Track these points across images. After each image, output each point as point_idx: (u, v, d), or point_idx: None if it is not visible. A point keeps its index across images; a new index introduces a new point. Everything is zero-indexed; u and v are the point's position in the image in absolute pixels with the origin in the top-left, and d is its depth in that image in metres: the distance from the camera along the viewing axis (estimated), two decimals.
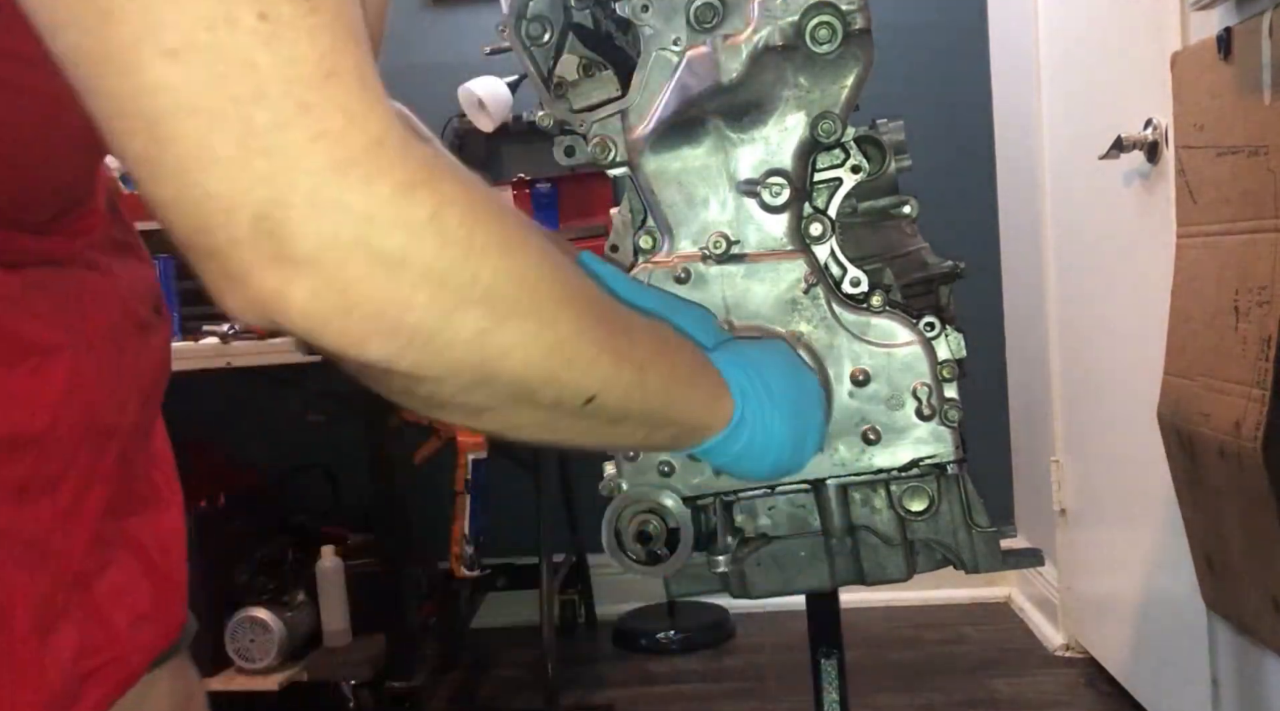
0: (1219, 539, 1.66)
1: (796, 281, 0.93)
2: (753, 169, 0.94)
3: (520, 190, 2.89)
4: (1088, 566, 2.51)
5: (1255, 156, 1.49)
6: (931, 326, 0.93)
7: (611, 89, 0.96)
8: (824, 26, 0.91)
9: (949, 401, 0.93)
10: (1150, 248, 1.93)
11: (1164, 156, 1.88)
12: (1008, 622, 2.89)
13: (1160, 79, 1.80)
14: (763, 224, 0.94)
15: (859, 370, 0.93)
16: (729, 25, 0.93)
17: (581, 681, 2.69)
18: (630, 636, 2.91)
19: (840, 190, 0.97)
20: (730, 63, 0.92)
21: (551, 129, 0.97)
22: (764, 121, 0.94)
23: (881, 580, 0.96)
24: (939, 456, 0.93)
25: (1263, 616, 1.57)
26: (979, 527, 0.95)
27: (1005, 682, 2.51)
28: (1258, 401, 1.45)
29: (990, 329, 3.00)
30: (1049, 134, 2.54)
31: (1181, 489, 1.77)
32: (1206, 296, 1.63)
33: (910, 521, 0.95)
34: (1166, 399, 1.75)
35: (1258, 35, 1.46)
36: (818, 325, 0.93)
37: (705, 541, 0.95)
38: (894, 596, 2.93)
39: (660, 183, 0.95)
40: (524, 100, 2.87)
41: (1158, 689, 2.15)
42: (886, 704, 2.45)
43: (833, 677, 1.05)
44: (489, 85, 2.80)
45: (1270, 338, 1.44)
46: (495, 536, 2.66)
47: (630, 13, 0.93)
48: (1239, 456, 1.49)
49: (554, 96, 0.97)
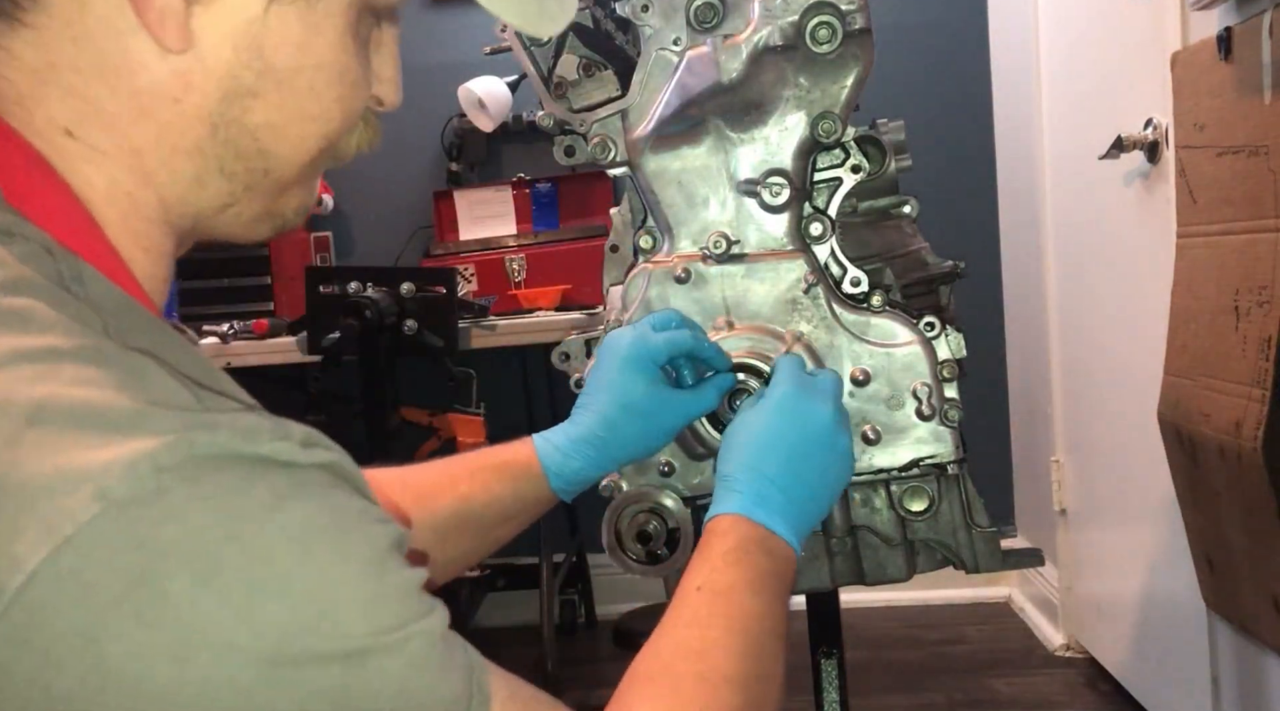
0: (1219, 539, 1.66)
1: (796, 281, 0.93)
2: (753, 169, 0.94)
3: (520, 190, 2.89)
4: (1088, 566, 2.51)
5: (1255, 156, 1.49)
6: (931, 326, 0.93)
7: (611, 89, 0.96)
8: (824, 26, 0.91)
9: (949, 401, 0.93)
10: (1150, 248, 1.93)
11: (1164, 156, 1.88)
12: (1008, 622, 2.89)
13: (1160, 79, 1.80)
14: (763, 224, 0.94)
15: (859, 370, 0.93)
16: (729, 25, 0.93)
17: (581, 681, 2.68)
18: (630, 636, 2.91)
19: (840, 190, 0.97)
20: (730, 63, 0.92)
21: (551, 129, 0.97)
22: (764, 121, 0.94)
23: (881, 580, 0.96)
24: (939, 456, 0.93)
25: (1263, 616, 1.57)
26: (979, 527, 0.95)
27: (1005, 682, 2.51)
28: (1258, 401, 1.45)
29: (990, 329, 3.00)
30: (1049, 134, 2.54)
31: (1181, 489, 1.77)
32: (1206, 296, 1.63)
33: (910, 521, 0.95)
34: (1166, 399, 1.75)
35: (1258, 35, 1.46)
36: (818, 325, 0.93)
37: None
38: (894, 596, 2.92)
39: (660, 182, 0.95)
40: (524, 100, 2.87)
41: (1158, 689, 2.15)
42: (886, 704, 2.45)
43: (833, 677, 1.05)
44: (489, 85, 2.80)
45: (1270, 338, 1.44)
46: None
47: (630, 13, 0.93)
48: (1239, 456, 1.49)
49: (554, 96, 0.97)
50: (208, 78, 0.53)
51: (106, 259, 0.53)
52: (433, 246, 2.89)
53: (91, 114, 0.53)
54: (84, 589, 0.40)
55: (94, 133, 0.53)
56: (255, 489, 0.44)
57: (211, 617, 0.42)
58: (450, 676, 0.48)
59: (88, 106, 0.53)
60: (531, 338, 2.42)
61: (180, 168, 0.55)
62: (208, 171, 0.55)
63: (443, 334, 2.25)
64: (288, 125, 0.56)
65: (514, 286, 2.74)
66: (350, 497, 0.48)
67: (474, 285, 2.76)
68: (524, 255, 2.78)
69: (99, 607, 0.40)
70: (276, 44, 0.54)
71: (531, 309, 2.61)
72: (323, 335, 2.21)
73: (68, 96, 0.52)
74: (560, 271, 2.71)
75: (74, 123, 0.53)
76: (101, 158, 0.53)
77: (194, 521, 0.42)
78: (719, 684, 0.64)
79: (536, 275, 2.75)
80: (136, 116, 0.53)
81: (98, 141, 0.53)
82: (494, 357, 2.55)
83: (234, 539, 0.42)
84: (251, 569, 0.42)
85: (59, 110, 0.53)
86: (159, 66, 0.52)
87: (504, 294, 2.69)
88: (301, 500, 0.45)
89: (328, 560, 0.45)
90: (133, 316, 0.51)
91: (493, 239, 2.86)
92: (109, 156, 0.53)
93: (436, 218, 2.91)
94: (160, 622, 0.41)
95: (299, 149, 0.57)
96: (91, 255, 0.52)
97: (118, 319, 0.49)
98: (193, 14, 0.52)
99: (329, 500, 0.46)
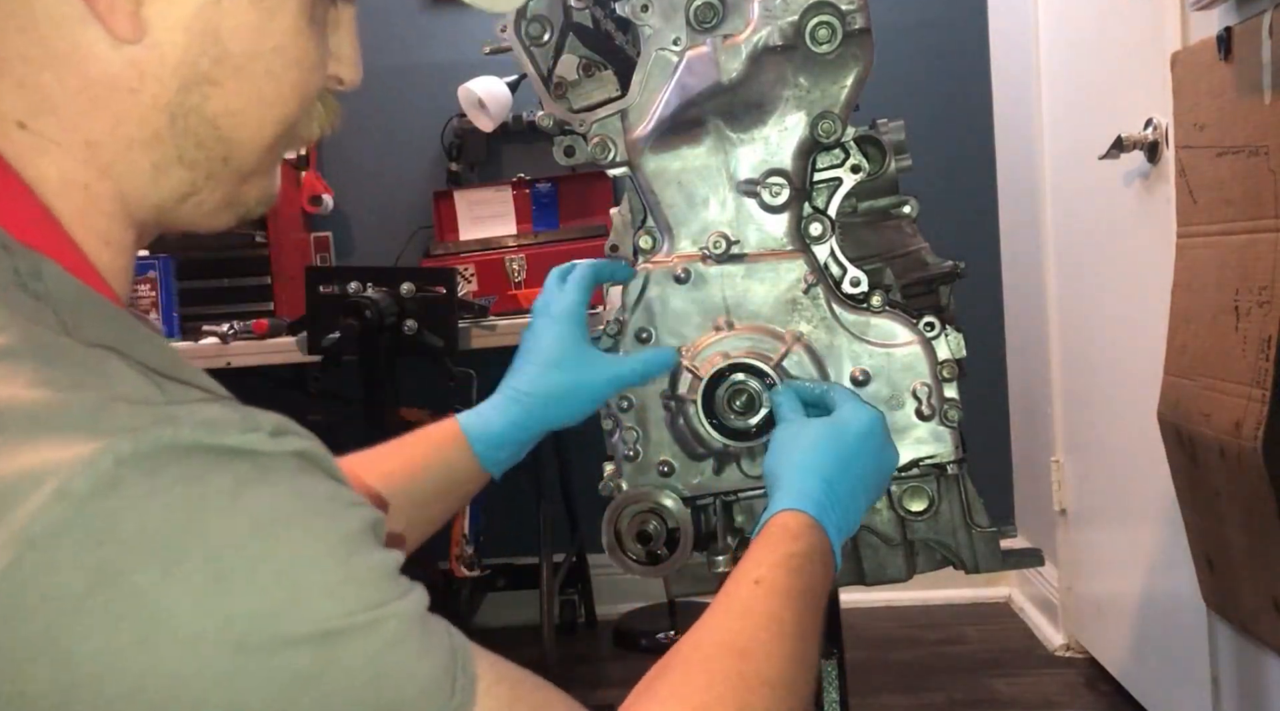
0: (1219, 539, 1.66)
1: (796, 281, 0.93)
2: (753, 169, 0.94)
3: (520, 190, 2.89)
4: (1088, 566, 2.51)
5: (1255, 156, 1.49)
6: (931, 326, 0.93)
7: (611, 89, 0.96)
8: (824, 26, 0.91)
9: (949, 401, 0.93)
10: (1150, 248, 1.93)
11: (1164, 156, 1.88)
12: (1008, 622, 2.89)
13: (1160, 79, 1.80)
14: (763, 224, 0.94)
15: (859, 370, 0.93)
16: (729, 25, 0.93)
17: (581, 681, 2.68)
18: (630, 636, 2.91)
19: (840, 190, 0.97)
20: (730, 63, 0.92)
21: (551, 129, 0.97)
22: (764, 121, 0.94)
23: (882, 580, 0.96)
24: (939, 456, 0.93)
25: (1263, 616, 1.57)
26: (979, 528, 0.95)
27: (1005, 682, 2.51)
28: (1258, 401, 1.45)
29: (990, 329, 3.00)
30: (1049, 134, 2.54)
31: (1181, 489, 1.77)
32: (1207, 296, 1.63)
33: (910, 521, 0.95)
34: (1166, 399, 1.75)
35: (1258, 35, 1.46)
36: (818, 325, 0.93)
37: (705, 541, 0.95)
38: (894, 596, 2.92)
39: (660, 183, 0.95)
40: (524, 100, 2.87)
41: (1158, 689, 2.15)
42: (886, 704, 2.45)
43: (833, 677, 1.05)
44: (489, 85, 2.80)
45: (1270, 338, 1.44)
46: (495, 536, 2.65)
47: (630, 13, 0.93)
48: (1239, 456, 1.49)
49: (554, 96, 0.97)
50: (164, 66, 0.53)
51: (65, 252, 0.52)
52: (433, 246, 2.89)
53: (43, 105, 0.52)
54: (49, 588, 0.40)
55: (47, 124, 0.52)
56: (216, 477, 0.43)
57: (177, 608, 0.41)
58: (429, 657, 0.48)
59: (39, 97, 0.52)
60: None
61: (138, 159, 0.54)
62: (167, 161, 0.55)
63: (443, 334, 2.24)
64: (246, 111, 0.55)
65: (514, 286, 2.74)
66: (320, 482, 0.47)
67: (474, 285, 2.76)
68: (524, 255, 2.78)
69: (65, 606, 0.40)
70: (232, 29, 0.53)
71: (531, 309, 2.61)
72: (323, 335, 2.20)
73: (18, 88, 0.52)
74: None
75: (26, 114, 0.52)
76: (55, 149, 0.53)
77: (154, 513, 0.42)
78: (756, 686, 0.64)
79: (536, 275, 2.75)
80: (89, 107, 0.52)
81: (51, 133, 0.52)
82: (494, 358, 2.54)
83: (196, 527, 0.42)
84: (215, 557, 0.42)
85: (11, 102, 0.52)
86: (112, 56, 0.52)
87: (504, 294, 2.69)
88: (266, 486, 0.45)
89: (294, 544, 0.44)
90: (93, 309, 0.51)
91: (493, 239, 2.86)
92: (63, 148, 0.53)
93: (436, 218, 2.91)
94: (126, 617, 0.41)
95: (258, 134, 0.56)
96: (49, 249, 0.51)
97: (77, 313, 0.49)
98: (143, 2, 0.51)
99: (294, 485, 0.46)
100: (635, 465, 0.95)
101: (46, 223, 0.52)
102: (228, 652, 0.42)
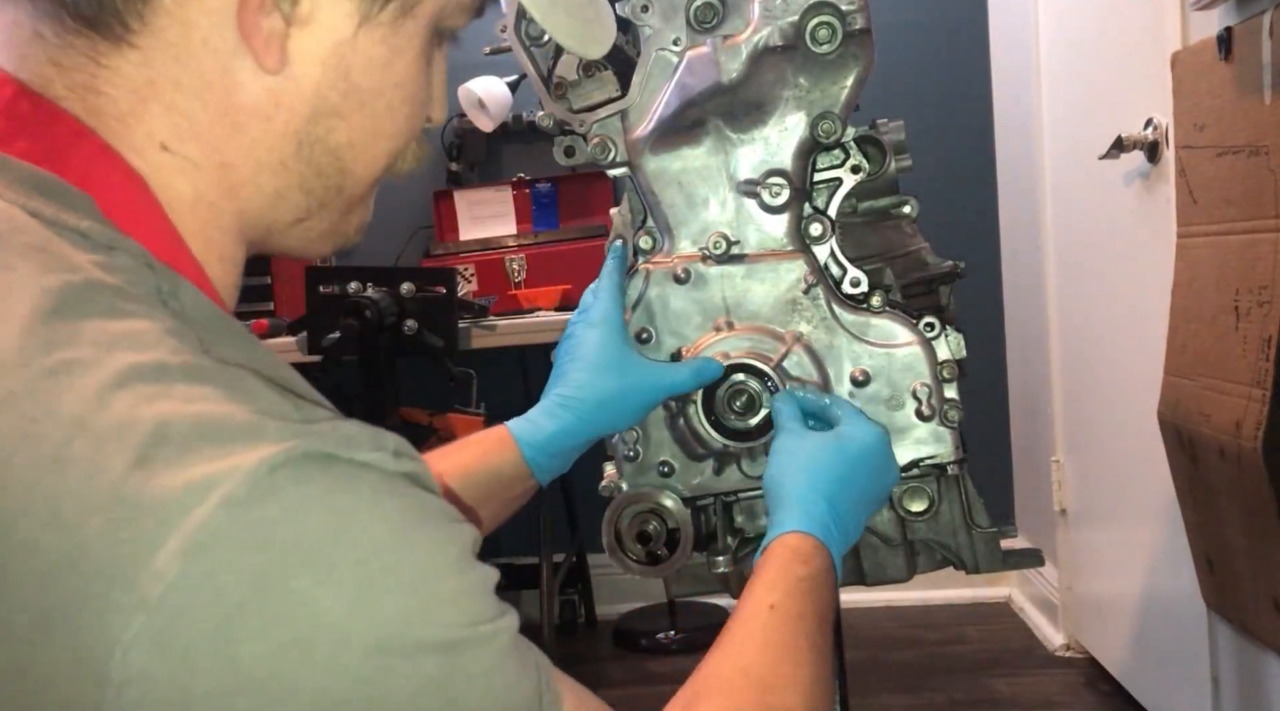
0: (1219, 539, 1.66)
1: (796, 281, 0.93)
2: (753, 169, 0.94)
3: (520, 190, 2.89)
4: (1088, 566, 2.51)
5: (1255, 156, 1.49)
6: (931, 326, 0.93)
7: (611, 89, 0.96)
8: (824, 26, 0.91)
9: (949, 402, 0.93)
10: (1150, 248, 1.93)
11: (1164, 156, 1.88)
12: (1008, 622, 2.89)
13: (1160, 79, 1.80)
14: (763, 224, 0.94)
15: (859, 370, 0.93)
16: (729, 25, 0.92)
17: (581, 681, 2.68)
18: (630, 636, 2.91)
19: (840, 190, 0.97)
20: (730, 63, 0.92)
21: (551, 129, 0.97)
22: (764, 121, 0.94)
23: (882, 580, 0.96)
24: (939, 457, 0.93)
25: (1263, 616, 1.57)
26: (979, 528, 0.95)
27: (1005, 682, 2.51)
28: (1258, 401, 1.45)
29: (990, 329, 3.00)
30: (1049, 134, 2.54)
31: (1182, 489, 1.77)
32: (1207, 296, 1.63)
33: (910, 522, 0.95)
34: (1166, 399, 1.75)
35: (1258, 35, 1.46)
36: (818, 325, 0.93)
37: (705, 541, 0.95)
38: (894, 596, 2.92)
39: (660, 183, 0.94)
40: (524, 100, 2.87)
41: (1158, 689, 2.15)
42: (886, 704, 2.45)
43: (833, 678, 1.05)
44: (489, 85, 2.80)
45: (1270, 338, 1.44)
46: (495, 536, 2.65)
47: (630, 13, 0.93)
48: (1239, 456, 1.49)
49: (554, 97, 0.97)
50: (298, 96, 0.56)
51: (193, 271, 0.55)
52: (433, 246, 2.89)
53: (188, 129, 0.55)
54: (216, 592, 0.42)
55: (188, 146, 0.55)
56: (358, 488, 0.46)
57: (330, 611, 0.43)
58: (527, 673, 0.51)
59: (185, 121, 0.55)
60: (531, 338, 2.42)
61: (265, 182, 0.57)
62: (289, 187, 0.58)
63: (443, 334, 2.24)
64: (364, 143, 0.59)
65: (514, 286, 2.75)
66: (431, 499, 0.50)
67: (474, 285, 2.76)
68: (524, 255, 2.78)
69: (230, 609, 0.42)
70: (363, 65, 0.57)
71: (531, 309, 2.61)
72: (323, 335, 2.20)
73: (167, 112, 0.55)
74: (560, 271, 2.71)
75: (170, 138, 0.55)
76: (193, 169, 0.56)
77: (308, 519, 0.44)
78: None
79: (536, 275, 2.75)
80: (230, 131, 0.55)
81: (193, 155, 0.55)
82: (494, 357, 2.55)
83: (344, 534, 0.44)
84: (362, 562, 0.44)
85: (158, 125, 0.55)
86: (254, 85, 0.55)
87: (504, 294, 2.69)
88: (395, 497, 0.47)
89: (426, 553, 0.47)
90: (223, 327, 0.53)
91: (493, 239, 2.86)
92: (200, 168, 0.56)
93: (436, 218, 2.91)
94: (286, 620, 0.43)
95: (371, 167, 0.60)
96: (182, 268, 0.54)
97: (210, 332, 0.51)
98: (290, 35, 0.54)
99: (417, 499, 0.48)
100: (635, 465, 0.95)
101: (179, 243, 0.55)
102: (373, 655, 0.44)
